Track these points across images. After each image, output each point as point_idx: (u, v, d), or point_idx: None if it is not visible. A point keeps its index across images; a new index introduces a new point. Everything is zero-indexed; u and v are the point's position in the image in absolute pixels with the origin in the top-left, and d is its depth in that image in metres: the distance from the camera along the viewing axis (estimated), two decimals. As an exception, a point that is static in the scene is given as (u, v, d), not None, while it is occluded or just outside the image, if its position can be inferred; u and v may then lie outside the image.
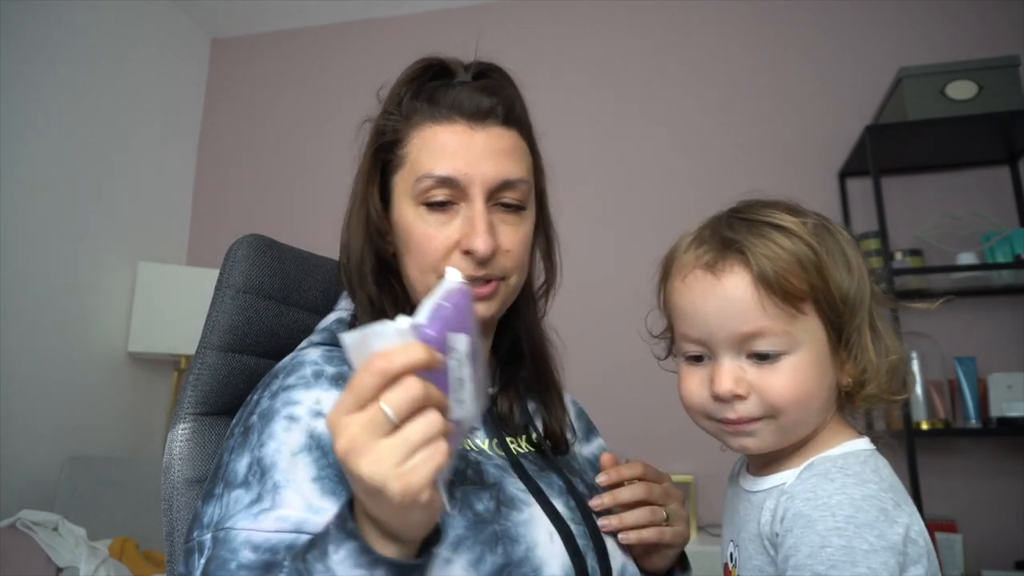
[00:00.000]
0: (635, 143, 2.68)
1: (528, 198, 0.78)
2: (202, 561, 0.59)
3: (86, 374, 2.45)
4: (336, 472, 0.61)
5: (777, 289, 0.56)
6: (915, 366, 2.10)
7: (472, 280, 0.72)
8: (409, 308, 0.76)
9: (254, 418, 0.67)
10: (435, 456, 0.45)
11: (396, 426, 0.45)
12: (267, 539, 0.58)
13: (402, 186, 0.75)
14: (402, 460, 0.44)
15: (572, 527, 0.68)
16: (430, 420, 0.46)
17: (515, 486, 0.69)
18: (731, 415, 0.58)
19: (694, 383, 0.61)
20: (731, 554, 0.65)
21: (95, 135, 2.54)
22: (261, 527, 0.59)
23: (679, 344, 0.63)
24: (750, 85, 2.61)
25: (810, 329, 0.57)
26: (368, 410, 0.45)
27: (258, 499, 0.60)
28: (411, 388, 0.45)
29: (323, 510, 0.59)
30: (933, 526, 2.01)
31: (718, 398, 0.58)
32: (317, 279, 0.88)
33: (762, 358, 0.57)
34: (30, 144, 2.27)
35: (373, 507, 0.47)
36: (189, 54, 3.09)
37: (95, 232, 2.52)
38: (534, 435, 0.82)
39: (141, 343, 2.52)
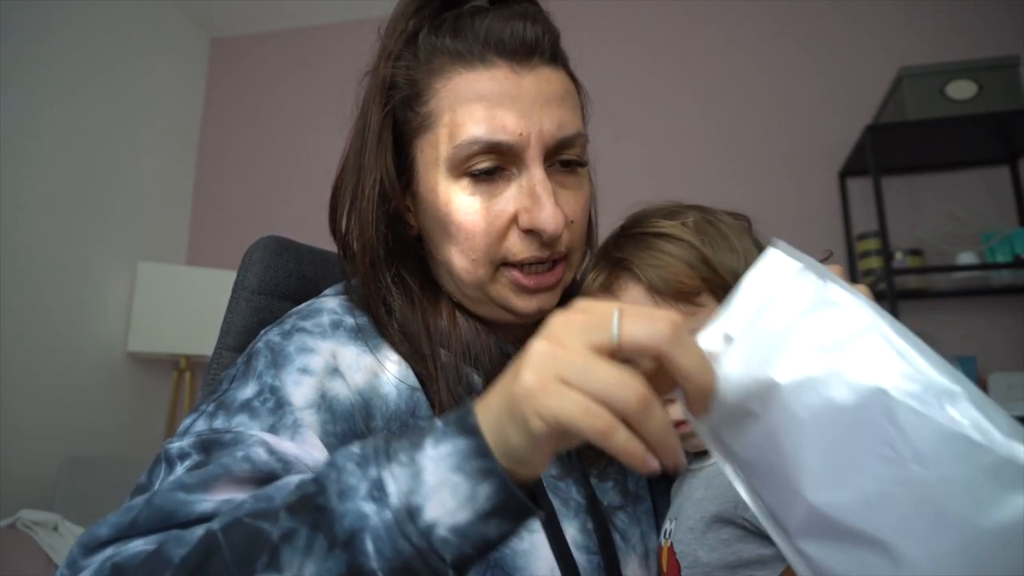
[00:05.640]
0: (635, 144, 2.67)
1: (585, 154, 0.63)
2: (180, 466, 0.49)
3: (86, 374, 2.44)
4: (337, 442, 0.53)
5: (669, 292, 0.59)
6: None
7: (535, 266, 0.59)
8: (444, 301, 0.64)
9: (260, 344, 0.58)
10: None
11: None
12: (285, 453, 0.49)
13: (430, 154, 0.60)
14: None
15: (583, 557, 0.57)
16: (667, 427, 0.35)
17: None
18: None
19: None
20: (667, 530, 0.64)
21: (94, 135, 2.54)
22: (280, 444, 0.50)
23: None
24: (750, 85, 2.61)
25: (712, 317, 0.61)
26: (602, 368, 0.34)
27: (272, 429, 0.51)
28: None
29: None
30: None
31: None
32: (337, 278, 0.88)
33: None
34: (29, 144, 2.27)
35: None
36: (189, 54, 3.09)
37: (95, 232, 2.52)
38: None
39: (141, 343, 2.52)
